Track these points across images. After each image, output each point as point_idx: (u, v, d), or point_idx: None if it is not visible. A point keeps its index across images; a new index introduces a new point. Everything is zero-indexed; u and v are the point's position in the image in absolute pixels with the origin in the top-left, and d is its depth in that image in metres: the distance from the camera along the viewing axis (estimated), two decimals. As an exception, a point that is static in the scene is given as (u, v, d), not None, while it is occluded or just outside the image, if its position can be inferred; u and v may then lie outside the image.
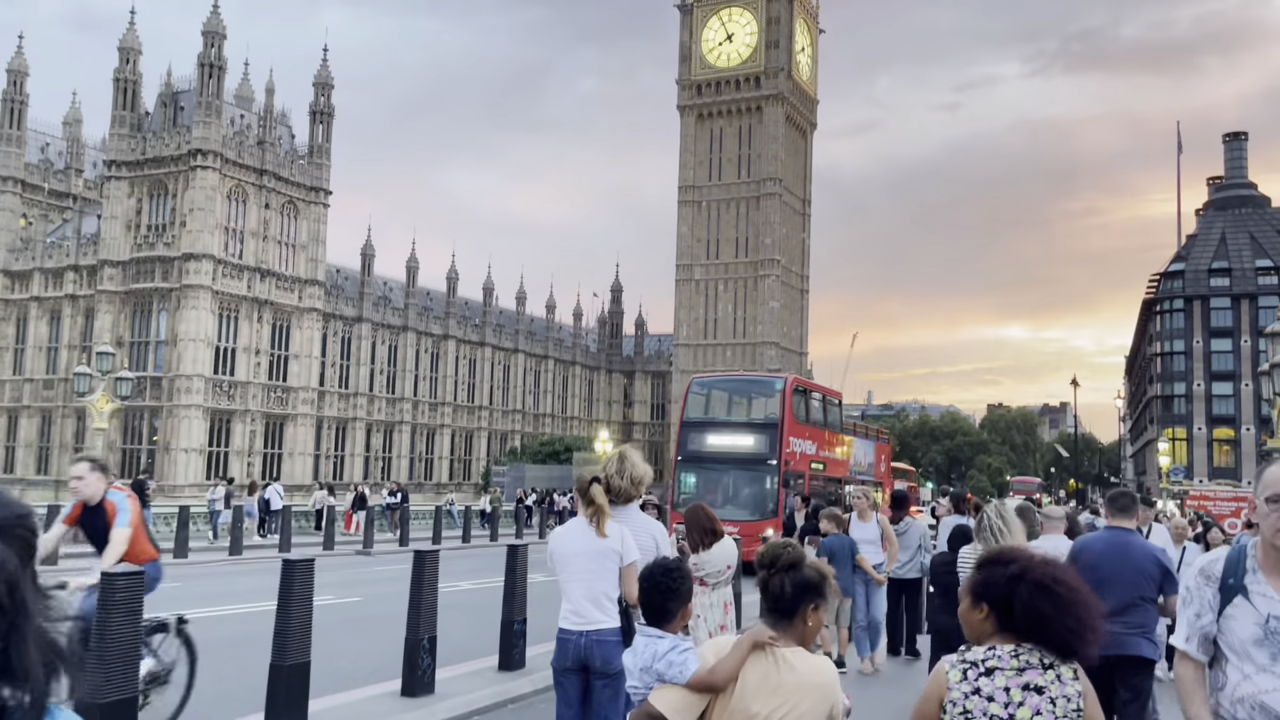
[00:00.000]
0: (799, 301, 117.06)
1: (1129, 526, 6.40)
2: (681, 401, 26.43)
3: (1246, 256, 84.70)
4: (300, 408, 73.05)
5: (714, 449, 24.28)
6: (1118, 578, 6.00)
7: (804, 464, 24.47)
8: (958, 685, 2.80)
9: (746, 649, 3.04)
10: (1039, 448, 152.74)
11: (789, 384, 25.35)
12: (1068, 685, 2.77)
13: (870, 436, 33.99)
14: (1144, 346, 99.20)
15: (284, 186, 72.10)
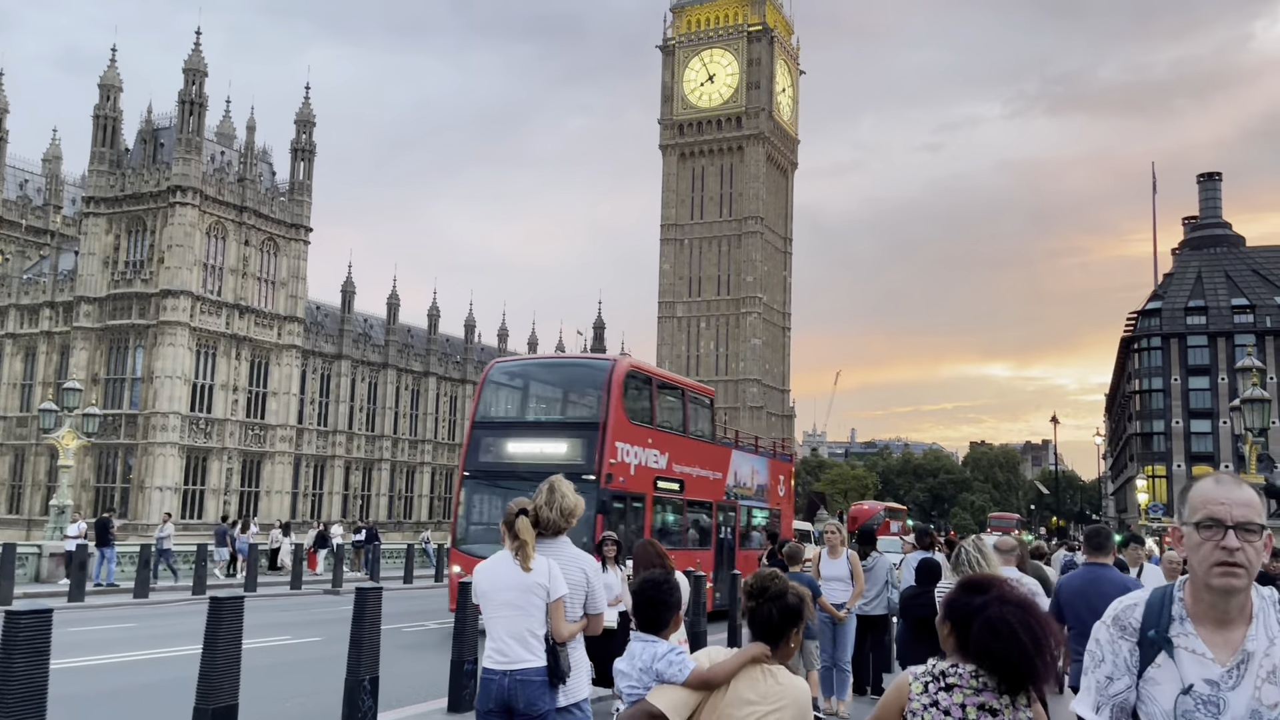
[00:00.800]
0: (781, 339, 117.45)
1: (1105, 562, 6.60)
2: (475, 394, 19.58)
3: (1222, 295, 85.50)
4: (278, 445, 72.34)
5: (513, 460, 17.87)
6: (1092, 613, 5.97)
7: (643, 481, 18.23)
8: (918, 697, 2.95)
9: (746, 658, 3.32)
10: (1021, 485, 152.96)
11: (618, 369, 18.33)
12: (1020, 713, 2.91)
13: (763, 452, 27.47)
14: (1123, 384, 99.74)
15: (264, 223, 71.95)
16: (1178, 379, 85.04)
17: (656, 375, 20.56)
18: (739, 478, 23.03)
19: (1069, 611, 6.47)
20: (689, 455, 20.38)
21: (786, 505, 26.94)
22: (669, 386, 21.02)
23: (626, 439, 17.62)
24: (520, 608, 4.85)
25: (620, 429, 17.45)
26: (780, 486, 26.35)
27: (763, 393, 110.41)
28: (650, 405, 19.26)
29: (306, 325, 75.91)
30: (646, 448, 18.31)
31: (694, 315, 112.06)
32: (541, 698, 4.76)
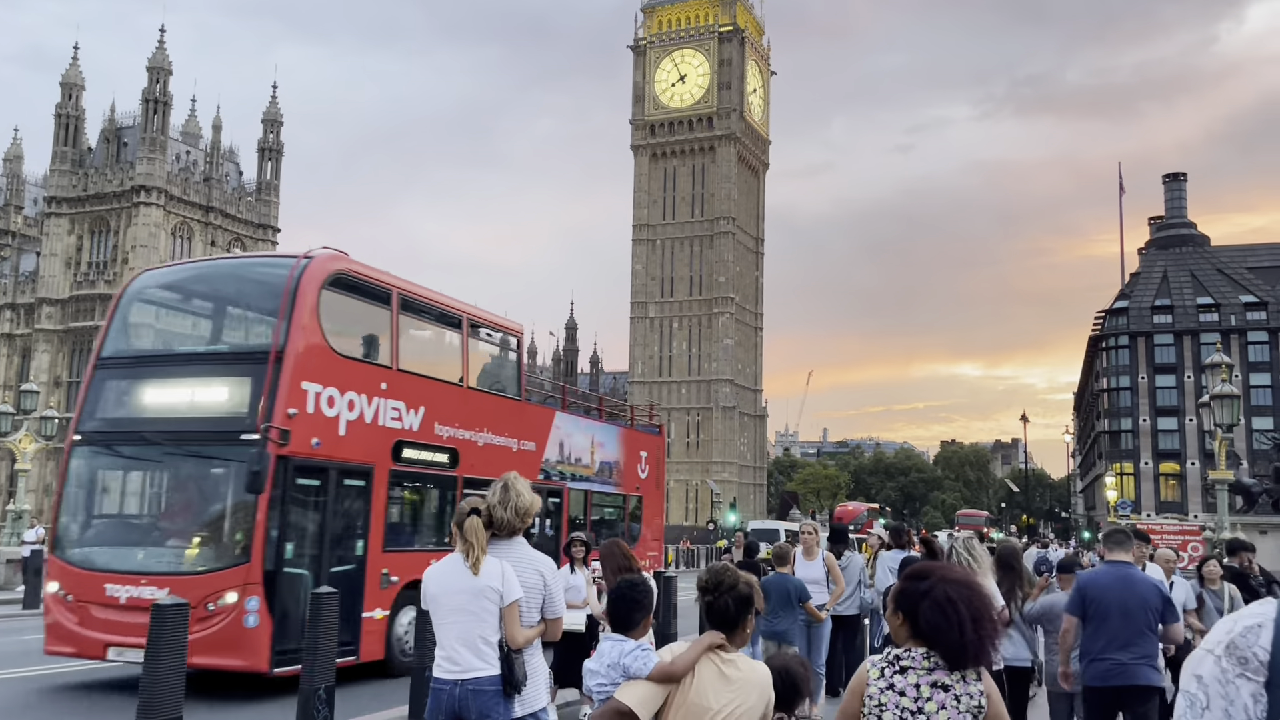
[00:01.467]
0: (753, 339, 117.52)
1: (1128, 560, 6.70)
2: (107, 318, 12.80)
3: (1188, 294, 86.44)
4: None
5: (146, 415, 11.60)
6: (1125, 609, 6.32)
7: (371, 446, 11.96)
8: (875, 681, 3.13)
9: (704, 647, 3.43)
10: (991, 484, 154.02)
11: (312, 269, 11.54)
12: (971, 685, 3.10)
13: (614, 418, 21.38)
14: (1091, 383, 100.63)
15: (231, 223, 71.11)
16: (1145, 377, 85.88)
17: (401, 288, 12.85)
18: (568, 451, 17.08)
19: (1095, 608, 6.41)
20: (472, 414, 13.95)
21: (653, 491, 20.35)
22: (428, 309, 13.65)
23: (329, 379, 11.36)
24: (471, 613, 4.58)
25: (314, 362, 11.21)
26: (642, 466, 19.91)
27: (735, 393, 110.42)
28: (390, 333, 12.67)
29: (274, 326, 75.07)
30: (378, 396, 12.03)
31: (666, 316, 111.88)
32: (495, 708, 4.50)
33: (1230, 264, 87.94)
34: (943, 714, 3.06)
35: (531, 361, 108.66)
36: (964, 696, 3.07)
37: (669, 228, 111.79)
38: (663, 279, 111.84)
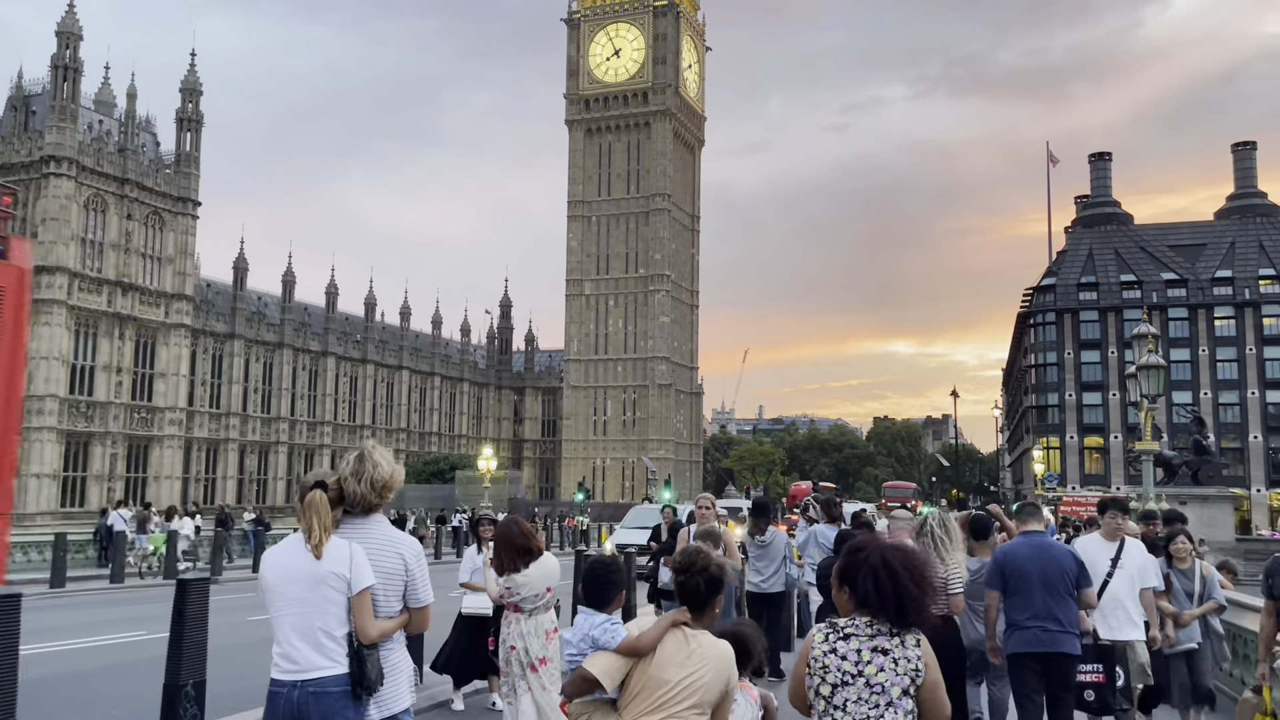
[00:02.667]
0: (689, 316, 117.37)
1: (1040, 529, 7.03)
2: None
3: (1112, 271, 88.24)
4: (167, 429, 69.25)
5: None
6: (1044, 578, 6.59)
7: None
8: (819, 645, 3.40)
9: (668, 624, 3.68)
10: (923, 459, 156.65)
11: None
12: (909, 649, 3.34)
13: None
14: (1019, 359, 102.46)
15: (148, 196, 68.46)
16: (1071, 353, 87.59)
17: None
18: None
19: (1015, 580, 6.66)
20: None
21: None
22: None
23: None
24: (311, 603, 3.88)
25: None
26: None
27: (671, 370, 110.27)
28: None
29: (196, 303, 72.73)
30: None
31: (602, 293, 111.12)
32: (342, 711, 3.82)
33: (1152, 242, 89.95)
34: (881, 675, 3.29)
35: (465, 339, 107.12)
36: (902, 660, 3.31)
37: (604, 204, 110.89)
38: (598, 256, 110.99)
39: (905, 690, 3.30)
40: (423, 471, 76.68)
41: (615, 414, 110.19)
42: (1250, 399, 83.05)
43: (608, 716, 3.72)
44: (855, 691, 3.29)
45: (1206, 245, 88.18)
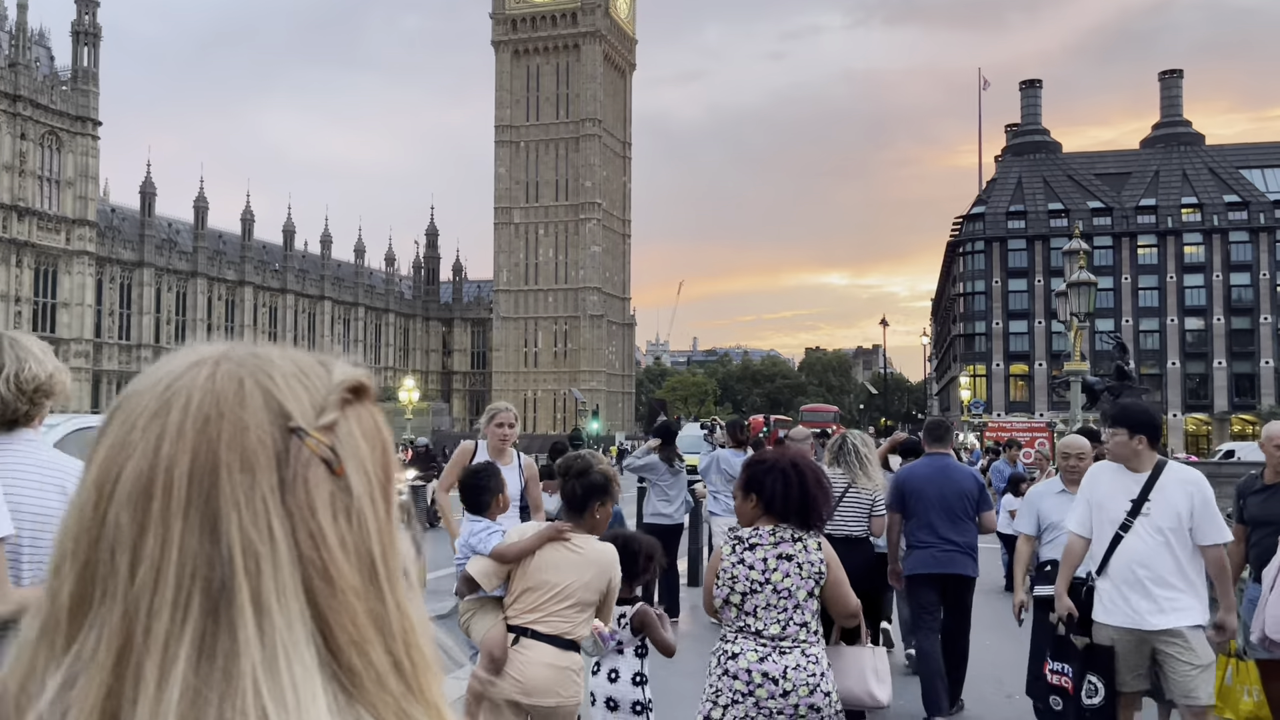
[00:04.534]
0: (621, 246, 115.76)
1: (947, 452, 6.94)
2: None
3: (1040, 200, 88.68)
4: (73, 361, 66.06)
5: None
6: (943, 500, 6.54)
7: None
8: (728, 558, 3.62)
9: (544, 538, 3.79)
10: (853, 388, 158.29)
11: None
12: (812, 553, 3.57)
13: None
14: (948, 288, 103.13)
15: (43, 115, 64.41)
16: (998, 282, 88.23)
17: None
18: None
19: (914, 500, 6.61)
20: None
21: None
22: None
23: None
24: None
25: None
26: None
27: (603, 301, 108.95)
28: None
29: (101, 230, 69.17)
30: None
31: (532, 222, 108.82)
32: None
33: (1080, 171, 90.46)
34: (787, 581, 3.51)
35: (390, 269, 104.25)
36: (805, 564, 3.53)
37: (533, 129, 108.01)
38: (528, 183, 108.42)
39: (810, 592, 3.55)
40: (346, 404, 74.19)
41: (546, 345, 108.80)
42: (1170, 326, 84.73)
43: (493, 612, 3.90)
44: (764, 598, 3.52)
45: (1132, 174, 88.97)
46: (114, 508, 0.57)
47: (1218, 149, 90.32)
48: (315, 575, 0.58)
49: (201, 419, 0.58)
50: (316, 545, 0.58)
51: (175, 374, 0.60)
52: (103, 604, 0.56)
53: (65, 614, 0.57)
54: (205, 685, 0.54)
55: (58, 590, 0.58)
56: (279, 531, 0.57)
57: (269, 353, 0.64)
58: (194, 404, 0.58)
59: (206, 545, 0.56)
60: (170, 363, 0.62)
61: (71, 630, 0.57)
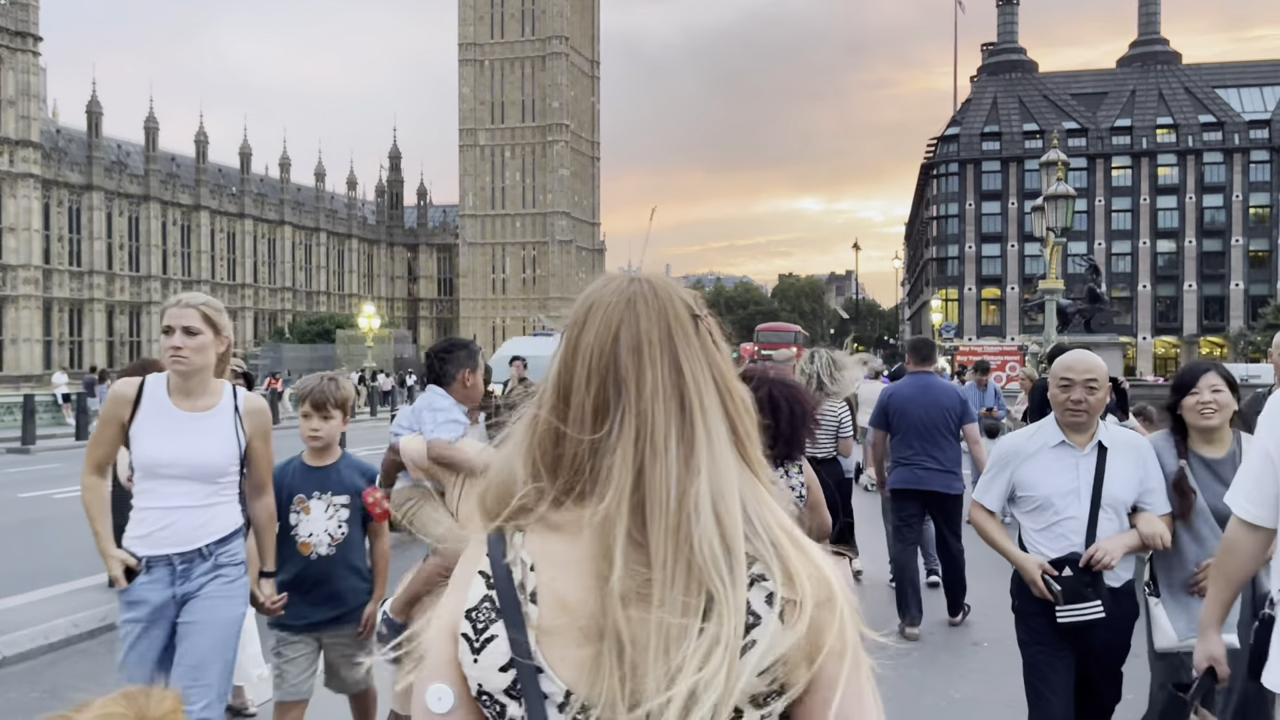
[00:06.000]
0: (590, 169, 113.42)
1: (931, 370, 7.02)
2: None
3: (1015, 121, 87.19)
4: (21, 288, 64.02)
5: None
6: (927, 417, 6.65)
7: None
8: None
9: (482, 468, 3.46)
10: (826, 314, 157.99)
11: None
12: (794, 478, 3.50)
13: None
14: (921, 211, 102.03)
15: (-22, 29, 61.25)
16: (972, 204, 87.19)
17: None
18: None
19: (899, 418, 6.72)
20: None
21: None
22: None
23: None
24: None
25: None
26: None
27: (572, 226, 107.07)
28: None
29: (46, 152, 66.40)
30: None
31: (498, 144, 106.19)
32: None
33: (1056, 91, 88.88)
34: None
35: (352, 194, 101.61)
36: (786, 490, 3.30)
37: (498, 47, 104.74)
38: (493, 104, 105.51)
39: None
40: (307, 332, 72.70)
41: (514, 272, 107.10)
42: (1142, 248, 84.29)
43: (436, 510, 3.56)
44: None
45: (1108, 94, 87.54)
46: (620, 355, 1.11)
47: (1195, 69, 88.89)
48: (723, 392, 1.14)
49: (658, 307, 1.13)
50: (723, 375, 1.14)
51: (623, 285, 1.16)
52: (617, 409, 1.09)
53: (590, 414, 1.10)
54: (685, 454, 1.08)
55: (581, 401, 1.10)
56: (705, 368, 1.13)
57: (663, 279, 1.19)
58: (650, 299, 1.13)
59: (674, 376, 1.11)
60: (610, 281, 1.17)
61: (595, 423, 1.10)
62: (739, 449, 1.13)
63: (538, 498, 1.12)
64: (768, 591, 1.06)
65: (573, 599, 1.07)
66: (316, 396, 3.69)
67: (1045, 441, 3.61)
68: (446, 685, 1.11)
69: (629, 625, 1.03)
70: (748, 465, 1.13)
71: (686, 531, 1.05)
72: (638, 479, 1.07)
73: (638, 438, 1.08)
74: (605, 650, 1.04)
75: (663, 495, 1.06)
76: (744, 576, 1.05)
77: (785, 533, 1.11)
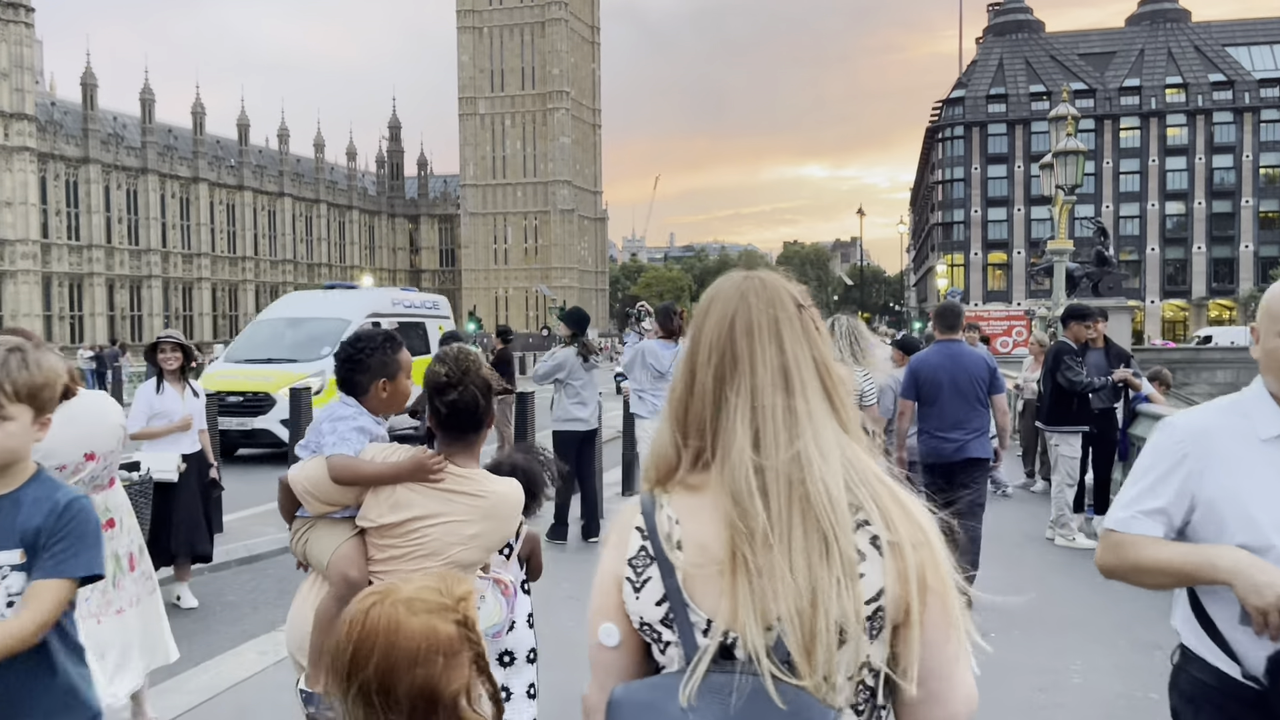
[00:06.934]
0: (592, 137, 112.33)
1: (957, 339, 6.93)
2: None
3: (1021, 82, 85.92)
4: (20, 263, 63.60)
5: None
6: (955, 385, 6.61)
7: None
8: None
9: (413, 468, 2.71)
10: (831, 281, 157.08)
11: None
12: None
13: None
14: (927, 175, 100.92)
15: (-32, 0, 60.43)
16: (978, 168, 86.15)
17: None
18: None
19: (927, 388, 6.68)
20: None
21: None
22: None
23: None
24: None
25: None
26: None
27: (574, 195, 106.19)
28: None
29: (41, 124, 65.71)
30: None
31: (498, 112, 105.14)
32: None
33: (1063, 51, 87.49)
34: None
35: (352, 164, 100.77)
36: None
37: (497, 13, 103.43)
38: (492, 71, 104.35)
39: None
40: (309, 304, 72.21)
41: (516, 241, 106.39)
42: (1150, 211, 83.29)
43: (340, 525, 2.85)
44: None
45: (1116, 53, 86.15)
46: (735, 336, 1.34)
47: (1204, 26, 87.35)
48: (821, 368, 1.35)
49: (767, 297, 1.36)
50: (821, 353, 1.36)
51: (738, 280, 1.39)
52: (734, 379, 1.32)
53: (711, 387, 1.34)
54: (789, 420, 1.30)
55: (705, 377, 1.35)
56: (806, 347, 1.35)
57: (771, 274, 1.42)
58: (760, 291, 1.37)
59: (779, 354, 1.33)
60: (731, 276, 1.41)
61: (716, 395, 1.34)
62: (836, 415, 1.33)
63: (680, 466, 1.36)
64: (872, 534, 1.26)
65: (710, 543, 1.29)
66: None
67: (1253, 430, 2.01)
68: (613, 624, 1.35)
69: (756, 561, 1.24)
70: (844, 429, 1.33)
71: (799, 482, 1.26)
72: (755, 440, 1.29)
73: (752, 405, 1.30)
74: (739, 583, 1.25)
75: (774, 452, 1.27)
76: (850, 520, 1.26)
77: (884, 485, 1.32)
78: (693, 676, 1.24)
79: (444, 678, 1.39)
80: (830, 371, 1.36)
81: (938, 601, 1.28)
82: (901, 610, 1.27)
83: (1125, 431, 9.23)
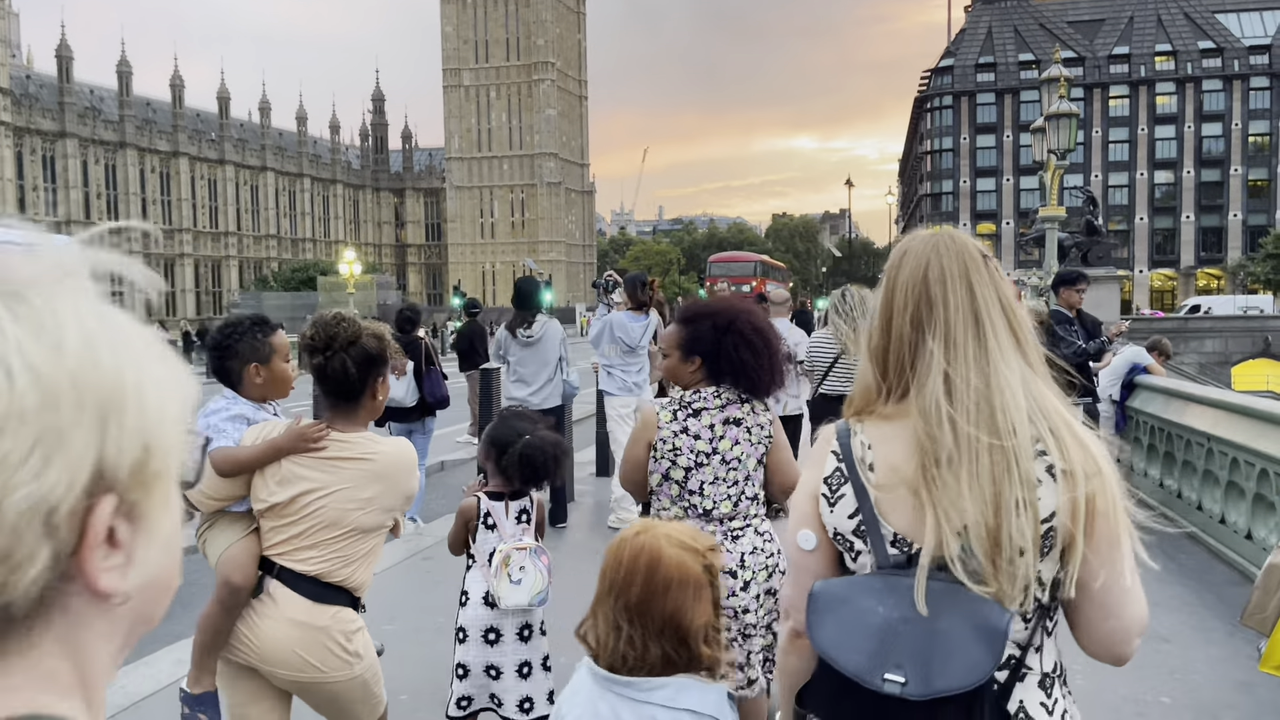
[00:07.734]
0: (578, 109, 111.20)
1: None
2: None
3: (1010, 51, 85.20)
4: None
5: None
6: None
7: None
8: (667, 425, 3.05)
9: (292, 442, 2.64)
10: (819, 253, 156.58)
11: None
12: (761, 416, 3.15)
13: None
14: (915, 146, 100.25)
15: (-63, -30, 59.11)
16: (966, 138, 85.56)
17: None
18: None
19: None
20: None
21: None
22: None
23: None
24: None
25: None
26: None
27: (561, 167, 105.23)
28: None
29: (16, 97, 64.56)
30: None
31: (483, 84, 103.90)
32: None
33: (1052, 19, 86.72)
34: (737, 449, 3.06)
35: (335, 138, 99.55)
36: (755, 428, 3.11)
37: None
38: (476, 42, 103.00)
39: (759, 460, 3.13)
40: (292, 279, 71.28)
41: (503, 215, 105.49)
42: (1139, 180, 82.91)
43: (241, 522, 2.81)
44: (711, 471, 3.05)
45: (1105, 21, 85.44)
46: (930, 283, 1.49)
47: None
48: (1007, 310, 1.49)
49: (955, 250, 1.52)
50: (1006, 297, 1.51)
51: (928, 235, 1.55)
52: (929, 324, 1.47)
53: (908, 329, 1.49)
54: (979, 357, 1.45)
55: (901, 321, 1.50)
56: (992, 291, 1.50)
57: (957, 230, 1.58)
58: (949, 244, 1.52)
59: (970, 298, 1.48)
60: (920, 233, 1.56)
61: (913, 336, 1.49)
62: (1022, 353, 1.48)
63: (878, 399, 1.53)
64: (1049, 463, 1.40)
65: (901, 465, 1.44)
66: None
67: None
68: (810, 531, 1.53)
69: (944, 478, 1.39)
70: (1030, 366, 1.48)
71: (986, 411, 1.41)
72: (946, 376, 1.43)
73: (945, 344, 1.45)
74: (925, 500, 1.40)
75: (964, 386, 1.42)
76: (1030, 447, 1.40)
77: (1062, 419, 1.45)
78: (918, 581, 1.38)
79: (692, 610, 1.62)
80: (1015, 314, 1.50)
81: (1105, 524, 1.40)
82: (1071, 532, 1.40)
83: (1123, 404, 8.84)
